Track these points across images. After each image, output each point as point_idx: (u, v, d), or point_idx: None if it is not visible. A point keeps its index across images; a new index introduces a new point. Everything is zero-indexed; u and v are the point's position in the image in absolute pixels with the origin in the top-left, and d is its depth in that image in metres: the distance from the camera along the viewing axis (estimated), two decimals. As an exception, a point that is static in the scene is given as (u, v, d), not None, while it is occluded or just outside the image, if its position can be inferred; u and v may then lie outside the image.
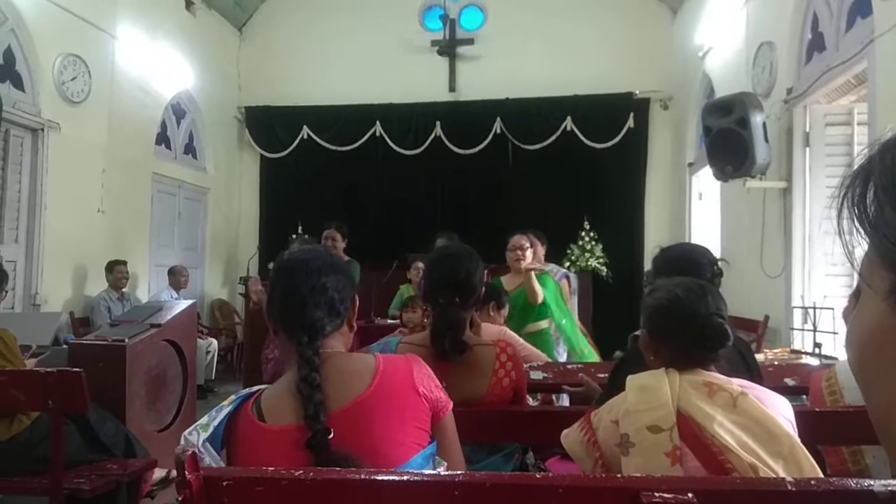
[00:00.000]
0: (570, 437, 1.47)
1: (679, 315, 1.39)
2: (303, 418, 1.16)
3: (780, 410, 1.35)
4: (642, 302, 1.51)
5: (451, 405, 1.34)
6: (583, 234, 7.25)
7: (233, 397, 1.25)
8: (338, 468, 1.08)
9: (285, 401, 1.21)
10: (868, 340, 0.43)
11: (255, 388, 1.30)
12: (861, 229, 0.41)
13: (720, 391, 1.31)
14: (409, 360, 1.32)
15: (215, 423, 1.17)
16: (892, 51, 3.25)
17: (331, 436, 1.13)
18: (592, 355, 3.71)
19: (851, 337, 0.45)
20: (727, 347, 1.41)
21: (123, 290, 5.67)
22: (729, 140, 4.32)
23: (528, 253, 3.67)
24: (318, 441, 1.13)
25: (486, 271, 1.93)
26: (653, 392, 1.33)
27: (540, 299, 3.55)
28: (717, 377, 1.36)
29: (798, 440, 1.27)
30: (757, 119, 4.24)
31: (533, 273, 3.51)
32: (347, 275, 1.38)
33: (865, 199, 0.41)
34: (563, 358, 3.70)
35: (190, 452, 1.03)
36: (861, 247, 0.42)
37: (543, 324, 3.65)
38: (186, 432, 1.14)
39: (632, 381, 1.39)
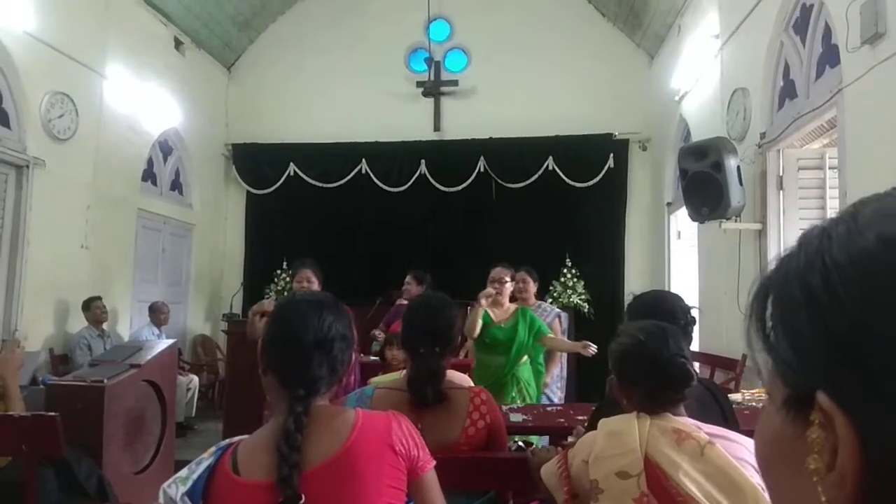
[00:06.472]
0: (548, 469, 1.55)
1: (643, 358, 1.43)
2: (276, 479, 1.13)
3: (749, 459, 1.36)
4: (608, 348, 1.55)
5: (431, 464, 1.30)
6: (564, 270, 7.32)
7: (213, 449, 1.24)
8: None
9: (261, 455, 1.18)
10: (767, 446, 0.44)
11: (236, 438, 1.28)
12: (762, 344, 0.42)
13: (688, 439, 1.34)
14: (390, 417, 1.30)
15: (195, 476, 1.16)
16: (860, 99, 3.36)
17: (301, 501, 1.12)
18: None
19: (756, 438, 0.46)
20: (695, 388, 1.45)
21: (104, 326, 5.62)
22: (704, 183, 4.41)
23: (508, 287, 3.75)
24: None
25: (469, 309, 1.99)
26: (622, 437, 1.36)
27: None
28: (686, 424, 1.39)
29: (764, 494, 1.28)
30: (731, 163, 4.34)
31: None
32: (352, 331, 1.35)
33: (765, 315, 0.42)
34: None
35: (165, 510, 1.04)
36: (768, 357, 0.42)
37: (526, 356, 3.77)
38: (165, 485, 1.14)
39: (603, 425, 1.43)
